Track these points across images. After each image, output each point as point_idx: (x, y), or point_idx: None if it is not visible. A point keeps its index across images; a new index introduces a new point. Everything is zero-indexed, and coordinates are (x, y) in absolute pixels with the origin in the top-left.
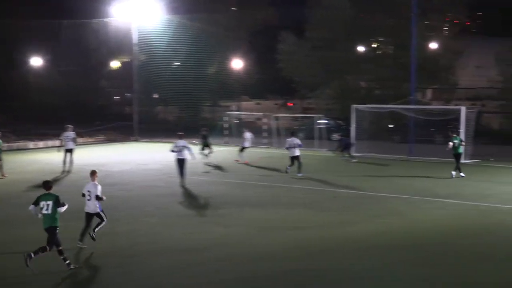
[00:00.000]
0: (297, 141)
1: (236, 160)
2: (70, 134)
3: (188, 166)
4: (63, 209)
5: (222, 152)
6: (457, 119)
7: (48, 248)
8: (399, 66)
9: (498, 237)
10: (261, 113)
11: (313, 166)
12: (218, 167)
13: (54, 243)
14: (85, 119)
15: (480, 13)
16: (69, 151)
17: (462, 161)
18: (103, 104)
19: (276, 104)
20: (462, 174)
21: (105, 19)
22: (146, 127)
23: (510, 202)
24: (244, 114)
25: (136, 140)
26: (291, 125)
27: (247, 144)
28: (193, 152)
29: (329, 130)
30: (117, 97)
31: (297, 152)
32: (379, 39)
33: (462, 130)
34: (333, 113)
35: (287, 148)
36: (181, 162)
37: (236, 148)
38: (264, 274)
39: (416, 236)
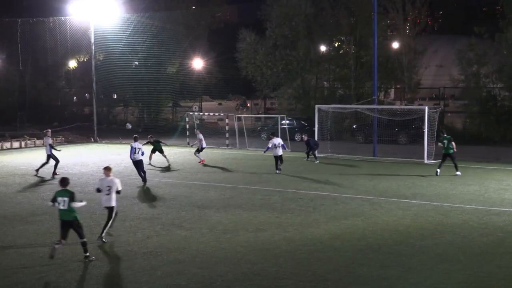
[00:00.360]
0: (280, 140)
1: (201, 162)
2: (46, 139)
3: (151, 167)
4: (79, 204)
5: (183, 153)
6: (420, 119)
7: (84, 237)
8: (361, 66)
9: (461, 237)
10: (223, 114)
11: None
12: (179, 169)
13: (79, 231)
14: (43, 120)
15: (441, 12)
16: (48, 156)
17: (427, 161)
18: (62, 105)
19: (237, 104)
20: (438, 170)
21: (62, 18)
22: (106, 128)
23: (473, 202)
24: (205, 115)
25: (95, 142)
26: (255, 126)
27: (204, 144)
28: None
29: (292, 130)
30: (75, 97)
31: (280, 151)
32: (341, 38)
33: (425, 130)
34: (296, 113)
35: (272, 148)
36: (137, 164)
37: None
38: (228, 276)
39: (379, 237)
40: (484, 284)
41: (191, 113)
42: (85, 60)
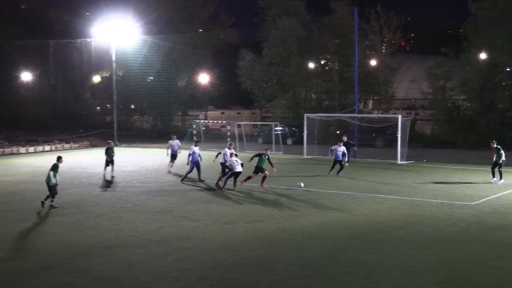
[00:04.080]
0: (343, 148)
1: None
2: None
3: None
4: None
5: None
6: (394, 126)
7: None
8: (344, 80)
9: (429, 227)
10: (226, 121)
11: (268, 167)
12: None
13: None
14: (71, 127)
15: (413, 35)
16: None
17: (400, 162)
18: (87, 114)
19: (239, 112)
20: (495, 179)
21: (88, 39)
22: (125, 133)
23: (440, 197)
24: (210, 122)
25: (115, 145)
26: (252, 132)
27: (173, 151)
28: None
29: (285, 135)
30: (98, 107)
31: (340, 157)
32: (327, 56)
33: (399, 135)
34: (288, 121)
35: (333, 152)
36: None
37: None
38: (230, 261)
39: (360, 227)
40: (449, 268)
41: (197, 121)
42: (107, 75)
